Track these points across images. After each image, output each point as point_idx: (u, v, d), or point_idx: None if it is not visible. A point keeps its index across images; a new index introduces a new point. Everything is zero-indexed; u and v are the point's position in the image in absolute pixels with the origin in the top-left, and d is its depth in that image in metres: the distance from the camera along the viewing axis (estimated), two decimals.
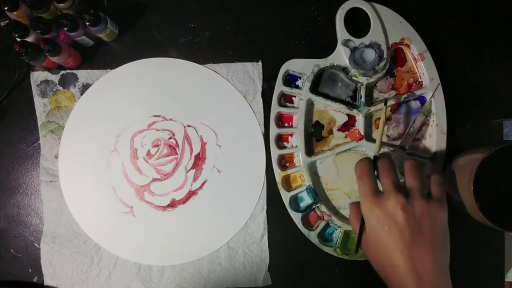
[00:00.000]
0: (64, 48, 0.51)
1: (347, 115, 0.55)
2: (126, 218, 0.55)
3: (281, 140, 0.56)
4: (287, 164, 0.56)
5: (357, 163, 0.46)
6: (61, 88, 0.55)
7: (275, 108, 0.55)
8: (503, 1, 0.56)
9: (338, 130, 0.56)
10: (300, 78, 0.55)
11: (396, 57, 0.56)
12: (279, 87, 0.55)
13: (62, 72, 0.55)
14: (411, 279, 0.39)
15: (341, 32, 0.54)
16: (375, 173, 0.45)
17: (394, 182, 0.43)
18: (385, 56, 0.53)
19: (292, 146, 0.56)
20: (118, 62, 0.56)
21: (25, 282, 0.56)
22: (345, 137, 0.56)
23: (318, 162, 0.55)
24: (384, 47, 0.53)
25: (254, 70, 0.56)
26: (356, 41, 0.53)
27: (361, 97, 0.54)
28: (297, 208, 0.55)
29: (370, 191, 0.43)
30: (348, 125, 0.56)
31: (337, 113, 0.55)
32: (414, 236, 0.40)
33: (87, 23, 0.50)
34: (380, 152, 0.48)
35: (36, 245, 0.56)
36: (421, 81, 0.55)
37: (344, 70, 0.54)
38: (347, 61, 0.53)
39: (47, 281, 0.55)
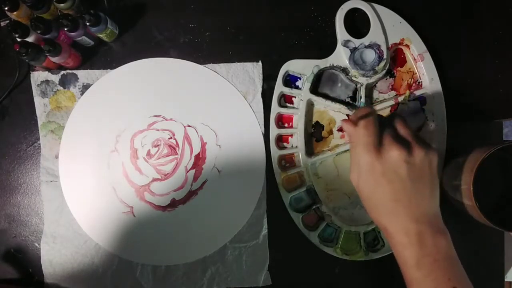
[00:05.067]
0: (64, 48, 0.51)
1: (347, 115, 0.55)
2: (126, 218, 0.55)
3: (281, 141, 0.56)
4: (287, 165, 0.56)
5: (360, 111, 0.45)
6: (61, 88, 0.56)
7: (275, 109, 0.55)
8: (502, 1, 0.56)
9: (338, 130, 0.56)
10: (300, 78, 0.55)
11: (396, 57, 0.56)
12: (279, 87, 0.55)
13: (62, 72, 0.55)
14: (412, 223, 0.40)
15: (341, 33, 0.54)
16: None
17: (393, 135, 0.43)
18: (385, 56, 0.53)
19: (292, 146, 0.56)
20: (118, 62, 0.56)
21: (25, 282, 0.56)
22: (341, 137, 0.56)
23: (318, 162, 0.55)
24: (384, 48, 0.53)
25: (254, 70, 0.56)
26: (356, 42, 0.53)
27: (361, 98, 0.54)
28: (297, 209, 0.55)
29: (374, 144, 0.42)
30: None
31: (337, 113, 0.55)
32: (415, 185, 0.41)
33: (87, 23, 0.50)
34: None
35: (37, 245, 0.56)
36: (421, 82, 0.55)
37: (344, 70, 0.54)
38: (347, 62, 0.53)
39: (47, 281, 0.55)
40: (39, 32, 0.50)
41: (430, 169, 0.42)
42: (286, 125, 0.56)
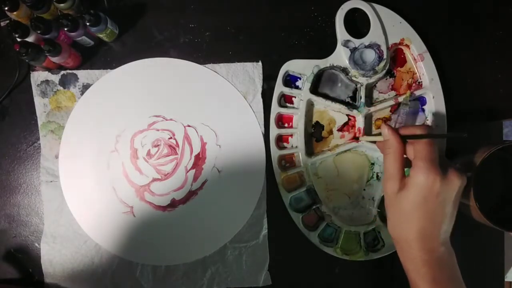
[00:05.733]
0: (64, 48, 0.51)
1: (347, 115, 0.55)
2: (126, 218, 0.55)
3: (281, 141, 0.56)
4: (287, 165, 0.56)
5: (411, 128, 0.44)
6: (61, 88, 0.56)
7: (275, 109, 0.55)
8: (502, 1, 0.56)
9: (338, 130, 0.56)
10: (300, 78, 0.55)
11: (396, 57, 0.56)
12: (279, 87, 0.55)
13: (62, 72, 0.55)
14: (438, 244, 0.42)
15: (341, 33, 0.54)
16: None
17: (447, 160, 0.44)
18: (384, 56, 0.53)
19: (292, 146, 0.56)
20: (118, 62, 0.56)
21: (25, 282, 0.56)
22: (341, 137, 0.56)
23: (318, 162, 0.55)
24: (384, 48, 0.53)
25: (254, 70, 0.56)
26: (356, 42, 0.53)
27: (361, 98, 0.54)
28: (297, 209, 0.55)
29: (438, 163, 0.41)
30: (348, 126, 0.56)
31: (337, 113, 0.55)
32: (453, 210, 0.42)
33: (87, 23, 0.50)
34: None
35: (37, 245, 0.56)
36: (421, 82, 0.55)
37: (344, 70, 0.54)
38: (347, 62, 0.53)
39: (47, 281, 0.55)
40: (39, 32, 0.50)
41: (460, 195, 0.43)
42: (286, 125, 0.56)
